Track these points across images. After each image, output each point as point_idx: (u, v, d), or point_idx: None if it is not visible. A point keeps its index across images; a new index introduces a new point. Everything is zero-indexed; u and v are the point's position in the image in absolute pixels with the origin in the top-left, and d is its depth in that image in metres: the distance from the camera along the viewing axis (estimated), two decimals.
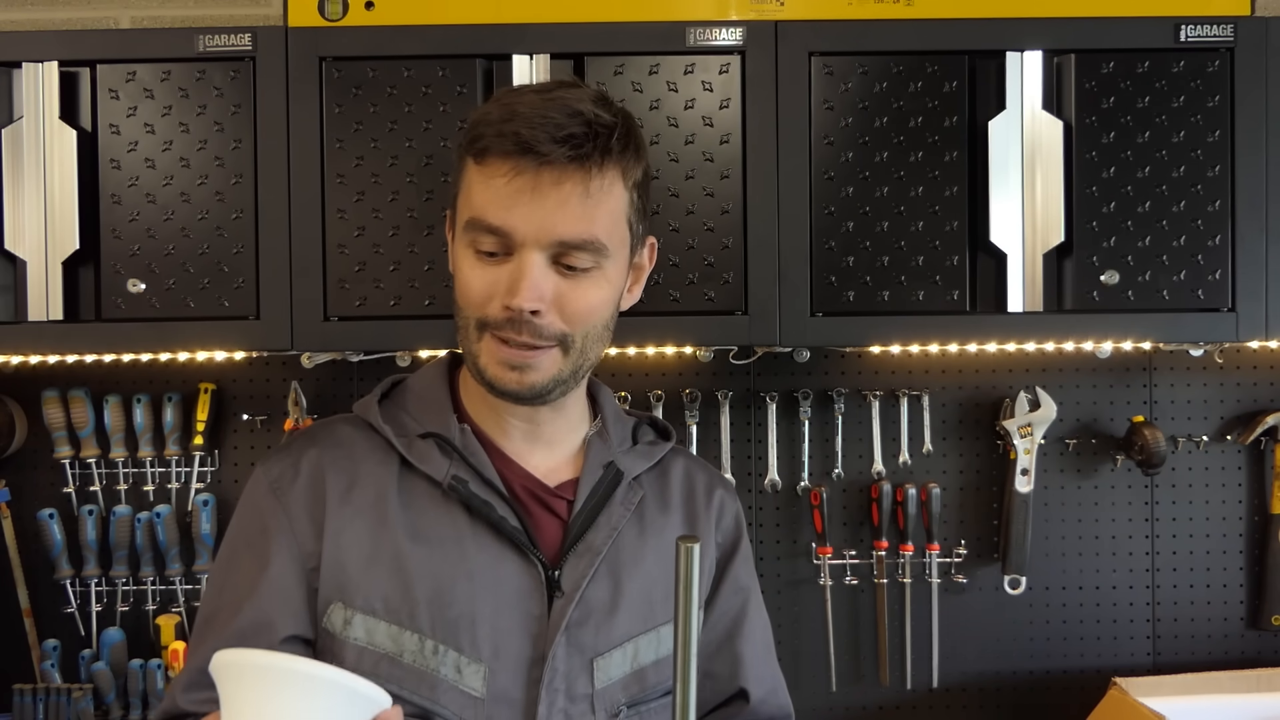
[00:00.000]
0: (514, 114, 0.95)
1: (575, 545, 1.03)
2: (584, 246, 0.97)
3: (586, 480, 1.07)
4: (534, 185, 0.95)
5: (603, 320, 1.02)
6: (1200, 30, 1.47)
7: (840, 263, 1.48)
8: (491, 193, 0.96)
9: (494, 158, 0.96)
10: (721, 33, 1.47)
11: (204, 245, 1.47)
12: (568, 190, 0.96)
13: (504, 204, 0.95)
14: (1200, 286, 1.47)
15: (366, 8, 1.50)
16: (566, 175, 0.96)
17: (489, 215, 0.96)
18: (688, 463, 1.18)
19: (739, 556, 1.16)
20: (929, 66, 1.47)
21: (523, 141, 0.94)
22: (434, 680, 0.97)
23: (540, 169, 0.95)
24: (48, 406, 1.75)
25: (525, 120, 0.94)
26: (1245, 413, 1.82)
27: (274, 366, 1.80)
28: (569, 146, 0.94)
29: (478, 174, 0.98)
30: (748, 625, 1.15)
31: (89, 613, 1.77)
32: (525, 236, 0.96)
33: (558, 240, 0.96)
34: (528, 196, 0.95)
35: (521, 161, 0.94)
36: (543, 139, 0.94)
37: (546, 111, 0.95)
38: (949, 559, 1.80)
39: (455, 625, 0.98)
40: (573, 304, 0.98)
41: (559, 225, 0.96)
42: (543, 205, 0.95)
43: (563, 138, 0.94)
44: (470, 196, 0.99)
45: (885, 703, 1.82)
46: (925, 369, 1.81)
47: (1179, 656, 1.83)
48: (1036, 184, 1.48)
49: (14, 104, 1.48)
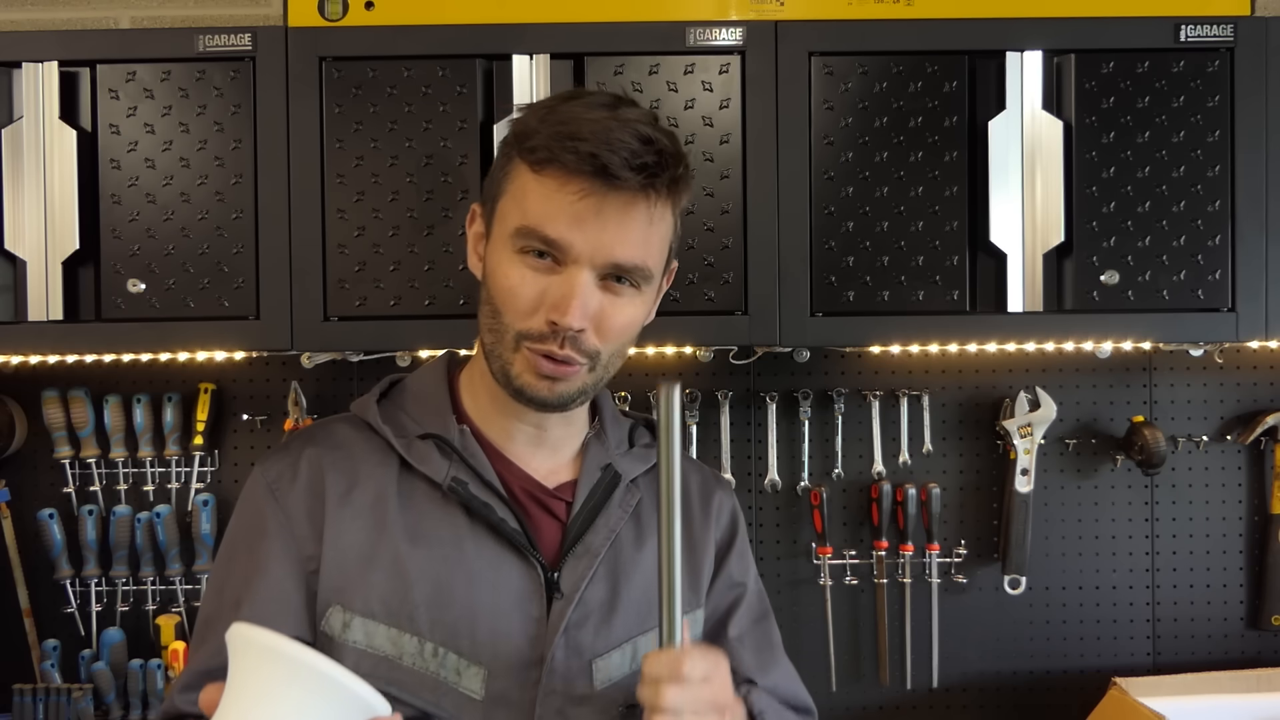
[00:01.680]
0: (581, 131, 0.94)
1: (574, 547, 1.03)
2: (635, 271, 0.98)
3: (585, 482, 1.07)
4: (599, 208, 0.94)
5: (631, 338, 1.03)
6: (1200, 30, 1.47)
7: (840, 263, 1.48)
8: (553, 206, 0.95)
9: (560, 171, 0.94)
10: (721, 33, 1.47)
11: (204, 245, 1.47)
12: (632, 216, 0.96)
13: (566, 220, 0.95)
14: (1200, 286, 1.47)
15: (366, 8, 1.50)
16: (634, 202, 0.95)
17: (547, 228, 0.95)
18: (683, 465, 1.17)
19: (733, 553, 1.16)
20: (929, 66, 1.47)
21: (599, 164, 0.92)
22: (434, 683, 0.97)
23: (609, 192, 0.94)
24: (48, 406, 1.75)
25: (599, 141, 0.93)
26: (1245, 413, 1.82)
27: (274, 366, 1.80)
28: (643, 175, 0.94)
29: (536, 182, 0.96)
30: (736, 614, 1.15)
31: (89, 613, 1.77)
32: (581, 254, 0.95)
33: (613, 263, 0.96)
34: (592, 217, 0.94)
35: (592, 183, 0.93)
36: (618, 164, 0.92)
37: (619, 134, 0.93)
38: (949, 559, 1.80)
39: (454, 627, 0.98)
40: (610, 321, 0.98)
41: (617, 249, 0.96)
42: (605, 228, 0.95)
43: (638, 165, 0.93)
44: (525, 203, 0.97)
45: (885, 703, 1.82)
46: (925, 369, 1.81)
47: (1179, 656, 1.83)
48: (1036, 184, 1.48)
49: (14, 104, 1.48)
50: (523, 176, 0.98)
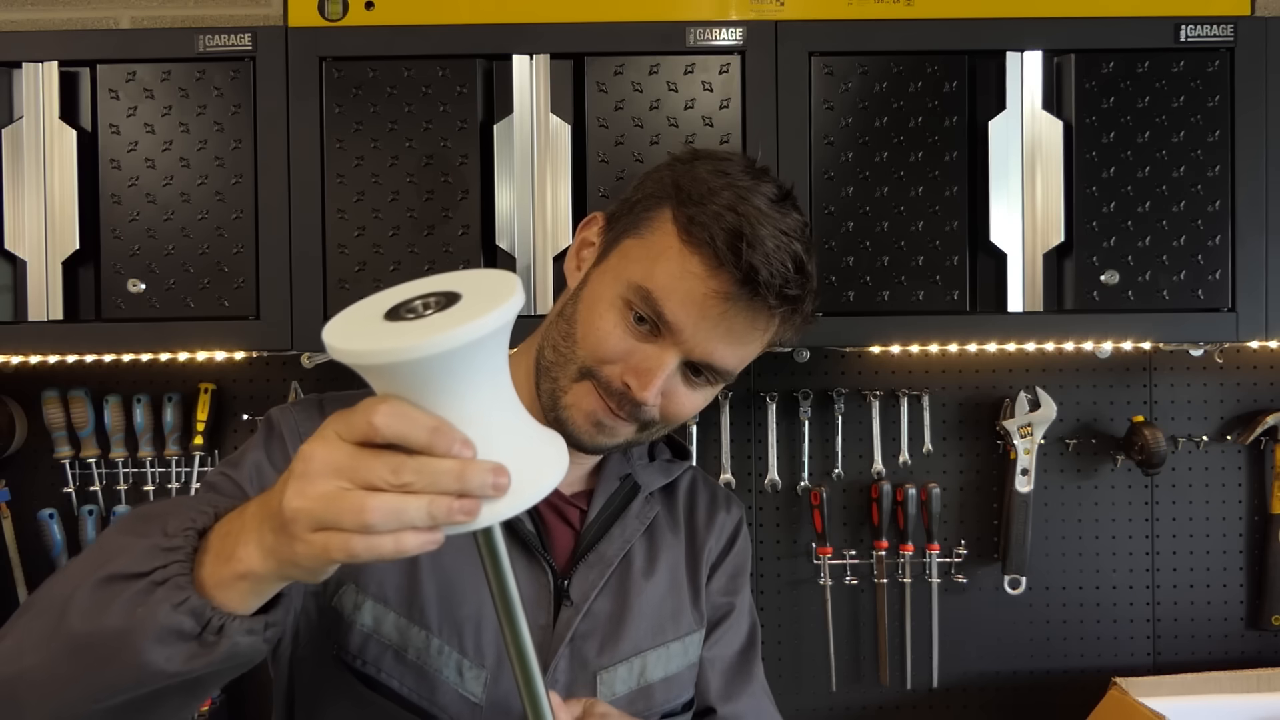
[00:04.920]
0: (749, 232, 0.90)
1: (587, 555, 1.02)
2: (724, 375, 0.96)
3: (603, 490, 1.05)
4: (728, 312, 0.92)
5: (683, 422, 1.01)
6: (1200, 30, 1.47)
7: (840, 263, 1.48)
8: (683, 285, 0.91)
9: (709, 260, 0.91)
10: (721, 33, 1.47)
11: (204, 245, 1.47)
12: (752, 331, 0.94)
13: (691, 307, 0.91)
14: (1200, 286, 1.47)
15: (366, 8, 1.50)
16: (760, 319, 0.94)
17: (668, 304, 0.92)
18: (693, 480, 1.17)
19: (723, 570, 1.14)
20: (929, 66, 1.47)
21: (753, 280, 0.90)
22: (435, 681, 0.96)
23: (745, 302, 0.91)
24: (48, 406, 1.75)
25: (762, 254, 0.89)
26: (1245, 413, 1.82)
27: (274, 366, 1.80)
28: (784, 303, 0.92)
29: (679, 254, 0.92)
30: (715, 634, 1.12)
31: None
32: (684, 342, 0.92)
33: (709, 363, 0.94)
34: (716, 315, 0.92)
35: (737, 290, 0.91)
36: (772, 287, 0.90)
37: (781, 255, 0.90)
38: (949, 559, 1.80)
39: (461, 626, 0.96)
40: (677, 405, 0.96)
41: (718, 351, 0.94)
42: (719, 327, 0.92)
43: (786, 295, 0.92)
44: (657, 266, 0.93)
45: (885, 703, 1.82)
46: (925, 369, 1.81)
47: (1179, 656, 1.83)
48: (1036, 184, 1.48)
49: (14, 104, 1.48)
50: (667, 236, 0.94)
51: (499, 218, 1.47)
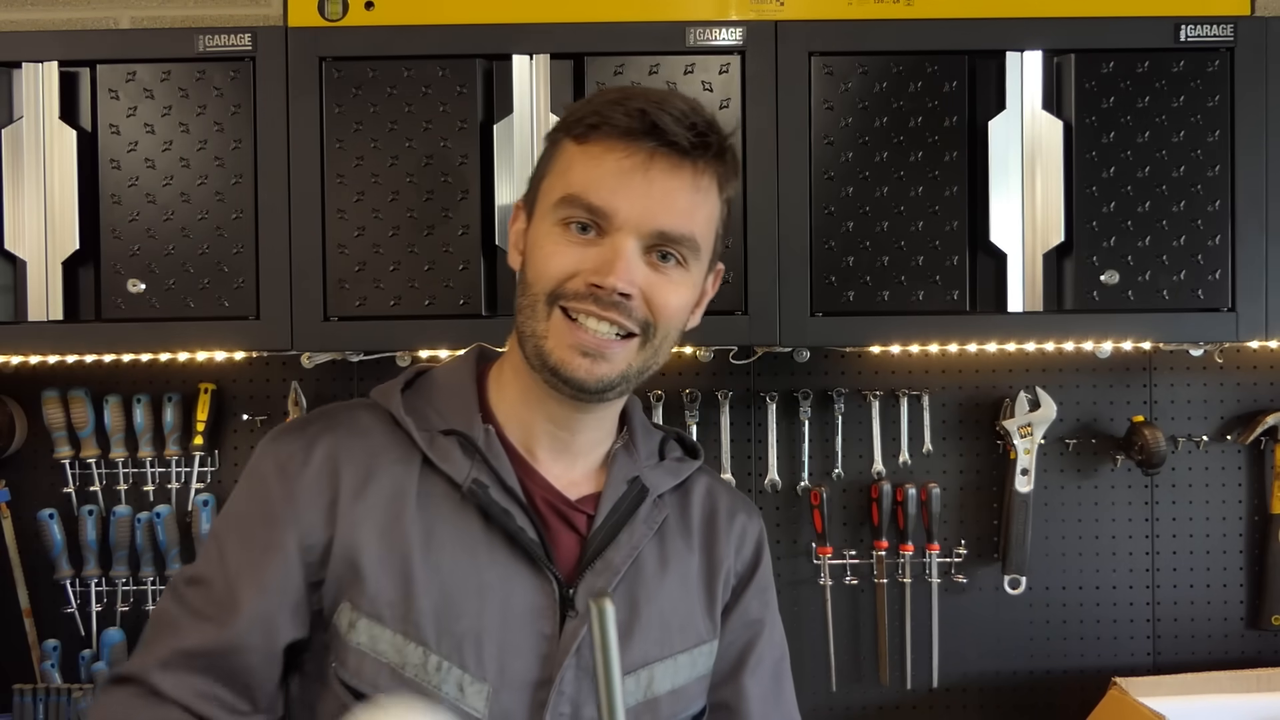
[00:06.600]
0: (631, 96, 0.94)
1: (593, 563, 0.99)
2: (681, 241, 0.95)
3: (609, 494, 1.02)
4: (646, 168, 0.92)
5: (679, 325, 1.00)
6: (1200, 30, 1.47)
7: (840, 263, 1.48)
8: (598, 171, 0.93)
9: (606, 136, 0.93)
10: (721, 33, 1.47)
11: (204, 245, 1.47)
12: (678, 181, 0.94)
13: (610, 184, 0.92)
14: (1200, 286, 1.47)
15: (366, 8, 1.50)
16: (680, 166, 0.94)
17: (590, 194, 0.93)
18: (710, 483, 1.13)
19: (753, 587, 1.11)
20: (929, 66, 1.47)
21: (648, 121, 0.91)
22: (434, 698, 0.92)
23: (655, 153, 0.92)
24: (48, 406, 1.75)
25: (649, 101, 0.92)
26: (1245, 413, 1.82)
27: (274, 366, 1.80)
28: (693, 133, 0.93)
29: (580, 153, 0.95)
30: (753, 659, 1.09)
31: (89, 613, 1.76)
32: (626, 220, 0.93)
33: (658, 230, 0.93)
34: (639, 179, 0.92)
35: (639, 143, 0.92)
36: (668, 120, 0.91)
37: (670, 99, 0.94)
38: (949, 559, 1.80)
39: (461, 641, 0.94)
40: (660, 297, 0.95)
41: (662, 215, 0.93)
42: (650, 191, 0.92)
43: (688, 125, 0.92)
44: (568, 175, 0.95)
45: (885, 703, 1.82)
46: (925, 369, 1.81)
47: (1179, 656, 1.83)
48: (1036, 184, 1.48)
49: (14, 104, 1.48)
50: (567, 152, 0.96)
51: (499, 218, 1.47)
